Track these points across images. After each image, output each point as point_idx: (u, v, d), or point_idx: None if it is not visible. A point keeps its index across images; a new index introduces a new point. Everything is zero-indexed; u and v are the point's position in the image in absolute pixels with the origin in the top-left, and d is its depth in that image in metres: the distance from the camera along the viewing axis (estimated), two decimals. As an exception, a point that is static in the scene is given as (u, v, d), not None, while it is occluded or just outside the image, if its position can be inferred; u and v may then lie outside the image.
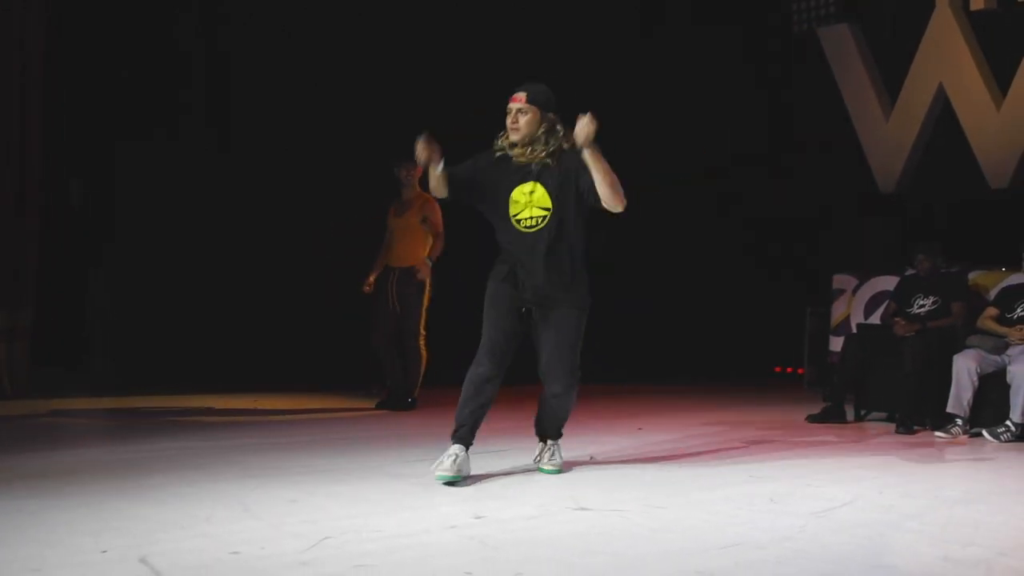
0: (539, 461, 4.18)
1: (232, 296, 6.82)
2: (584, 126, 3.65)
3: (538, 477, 4.12)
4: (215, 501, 3.46)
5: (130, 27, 6.98)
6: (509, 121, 3.89)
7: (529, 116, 3.85)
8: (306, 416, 5.76)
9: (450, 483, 3.78)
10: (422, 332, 6.16)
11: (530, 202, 3.88)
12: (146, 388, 6.56)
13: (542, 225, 3.87)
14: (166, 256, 7.09)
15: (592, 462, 4.43)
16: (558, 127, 3.89)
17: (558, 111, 3.96)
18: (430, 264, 6.13)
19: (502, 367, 3.98)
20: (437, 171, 3.85)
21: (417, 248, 6.15)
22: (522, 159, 3.89)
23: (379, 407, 6.16)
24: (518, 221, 3.90)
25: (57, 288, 6.90)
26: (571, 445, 4.54)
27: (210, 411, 5.82)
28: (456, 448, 3.91)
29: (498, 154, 3.96)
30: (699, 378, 8.37)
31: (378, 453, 4.57)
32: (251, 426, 5.33)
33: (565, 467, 4.18)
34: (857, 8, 8.58)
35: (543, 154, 3.86)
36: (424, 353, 6.18)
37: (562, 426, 4.19)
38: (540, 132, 3.87)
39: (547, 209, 3.86)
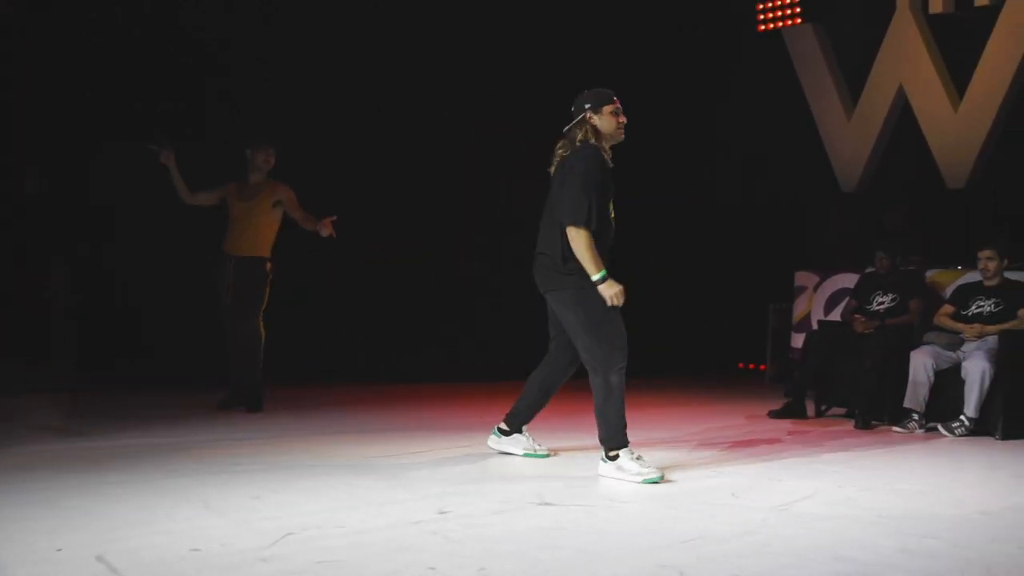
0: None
1: (199, 290, 6.73)
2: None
3: (502, 472, 4.12)
4: (176, 498, 3.42)
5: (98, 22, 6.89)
6: (622, 119, 4.12)
7: None
8: (270, 412, 5.70)
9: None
10: (261, 315, 5.69)
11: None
12: (107, 383, 6.45)
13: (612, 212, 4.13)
14: (130, 250, 7.00)
15: (555, 453, 4.45)
16: None
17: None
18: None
19: None
20: None
21: (263, 237, 5.70)
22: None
23: (223, 406, 5.68)
24: (614, 219, 4.13)
25: (17, 280, 6.75)
26: (537, 438, 4.56)
27: (172, 408, 5.74)
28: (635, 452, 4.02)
29: (600, 162, 4.09)
30: (663, 374, 8.43)
31: (341, 449, 4.54)
32: (213, 423, 5.27)
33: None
34: (821, 9, 8.68)
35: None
36: (263, 334, 5.69)
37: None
38: None
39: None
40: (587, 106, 4.09)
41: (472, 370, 7.71)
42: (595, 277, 3.95)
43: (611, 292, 3.95)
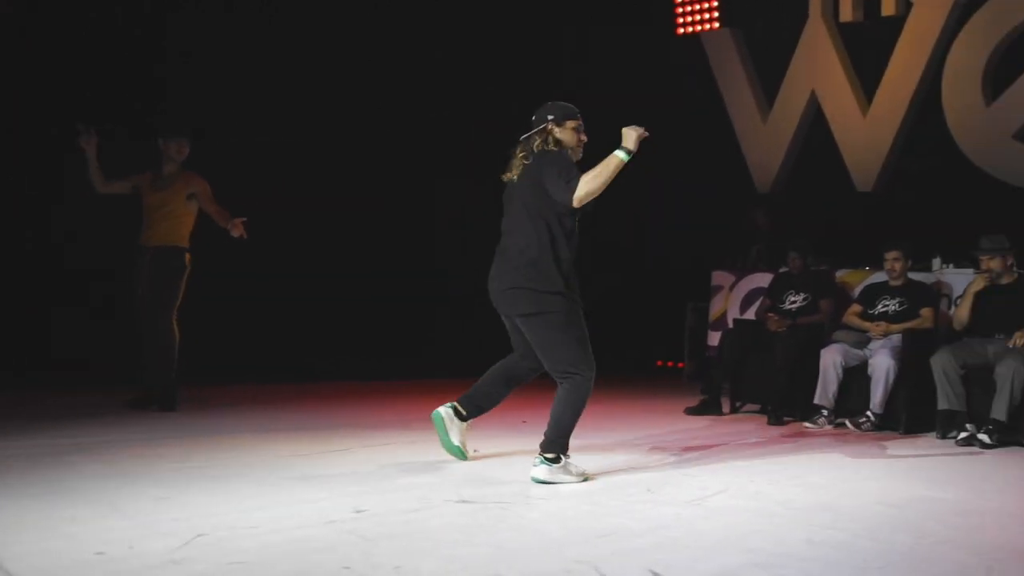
0: None
1: (112, 287, 6.54)
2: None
3: (420, 470, 4.10)
4: (79, 500, 3.31)
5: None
6: (583, 137, 4.09)
7: None
8: (183, 412, 5.55)
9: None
10: (175, 311, 5.56)
11: None
12: (11, 383, 6.20)
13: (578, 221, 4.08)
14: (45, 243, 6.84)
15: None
16: None
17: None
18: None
19: None
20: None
21: (180, 227, 5.60)
22: None
23: (134, 405, 5.51)
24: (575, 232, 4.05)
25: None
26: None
27: (80, 407, 5.54)
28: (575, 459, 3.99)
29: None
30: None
31: (256, 448, 4.46)
32: (123, 422, 5.11)
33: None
34: (739, 14, 8.87)
35: None
36: (176, 331, 5.56)
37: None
38: None
39: None
40: (550, 117, 4.04)
41: (393, 369, 7.66)
42: (621, 156, 3.87)
43: (635, 135, 3.90)
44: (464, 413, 4.28)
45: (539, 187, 3.95)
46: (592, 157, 4.02)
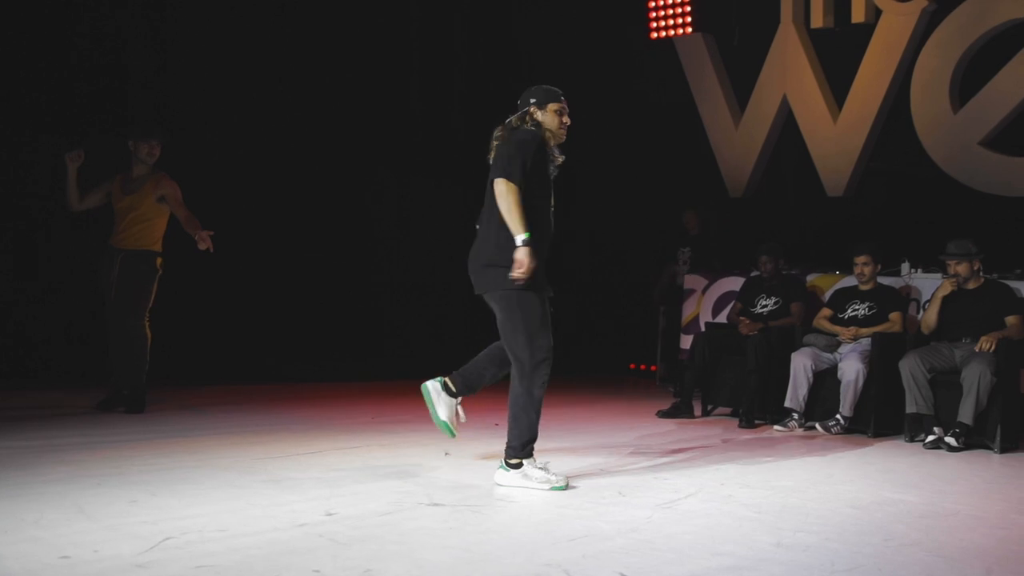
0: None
1: (80, 287, 6.47)
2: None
3: (392, 472, 4.08)
4: (45, 503, 3.26)
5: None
6: (566, 120, 4.05)
7: None
8: (152, 413, 5.49)
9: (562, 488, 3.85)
10: (147, 314, 5.52)
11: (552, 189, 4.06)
12: None
13: (553, 207, 4.05)
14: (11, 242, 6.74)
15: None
16: None
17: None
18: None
19: None
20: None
21: (152, 229, 5.55)
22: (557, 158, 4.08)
23: (103, 407, 5.46)
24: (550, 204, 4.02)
25: None
26: (428, 439, 4.52)
27: (47, 408, 5.47)
28: (542, 462, 3.95)
29: (539, 142, 3.98)
30: (555, 374, 8.50)
31: (226, 450, 4.42)
32: (91, 424, 5.05)
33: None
34: (711, 19, 8.93)
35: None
36: (148, 333, 5.52)
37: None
38: None
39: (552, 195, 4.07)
40: (532, 100, 4.03)
41: (367, 370, 7.64)
42: (519, 237, 3.75)
43: (524, 259, 3.73)
44: (453, 389, 4.14)
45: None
46: (570, 155, 4.03)
